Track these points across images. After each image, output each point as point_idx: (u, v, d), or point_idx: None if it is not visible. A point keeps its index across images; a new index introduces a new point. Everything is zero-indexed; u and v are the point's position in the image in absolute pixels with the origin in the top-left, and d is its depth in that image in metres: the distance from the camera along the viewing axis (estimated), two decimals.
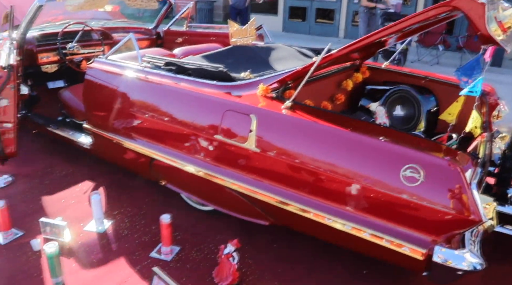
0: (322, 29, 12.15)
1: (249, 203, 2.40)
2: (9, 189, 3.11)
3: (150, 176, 2.97)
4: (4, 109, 2.79)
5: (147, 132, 2.78)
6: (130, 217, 2.79)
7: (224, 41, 4.94)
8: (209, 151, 2.46)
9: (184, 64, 2.72)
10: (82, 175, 3.34)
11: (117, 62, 3.01)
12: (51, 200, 2.98)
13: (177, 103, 2.62)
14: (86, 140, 3.34)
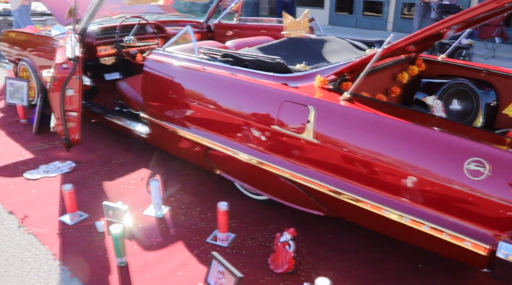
0: (370, 22, 11.89)
1: (305, 193, 2.43)
2: (72, 174, 3.29)
3: (205, 165, 3.05)
4: (70, 98, 2.95)
5: (203, 121, 2.86)
6: (186, 204, 2.89)
7: (274, 34, 4.97)
8: (265, 141, 2.51)
9: (241, 55, 2.77)
10: (139, 163, 3.48)
11: (174, 53, 3.11)
12: (111, 185, 3.13)
13: (233, 93, 2.68)
14: (142, 129, 3.48)
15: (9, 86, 4.83)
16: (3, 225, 2.65)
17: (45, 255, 2.38)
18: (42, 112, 4.12)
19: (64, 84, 2.89)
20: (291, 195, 2.57)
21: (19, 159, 3.53)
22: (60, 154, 3.65)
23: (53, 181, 3.17)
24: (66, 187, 2.60)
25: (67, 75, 2.88)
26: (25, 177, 3.21)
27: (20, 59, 4.71)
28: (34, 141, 3.91)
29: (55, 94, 2.96)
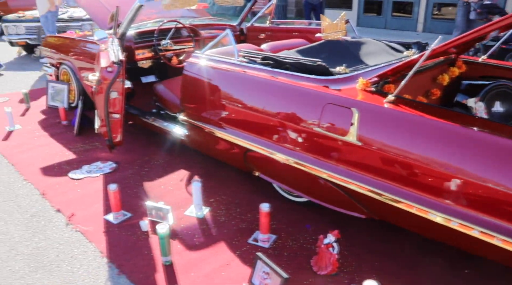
0: (399, 23, 11.74)
1: (346, 195, 2.43)
2: (114, 174, 3.39)
3: (243, 166, 3.08)
4: (114, 101, 3.04)
5: (243, 124, 2.89)
6: (225, 205, 2.92)
7: (306, 36, 4.98)
8: (306, 143, 2.52)
9: (281, 58, 2.79)
10: (177, 164, 3.55)
11: (214, 56, 3.16)
12: (152, 186, 3.20)
13: (274, 96, 2.70)
14: (181, 131, 3.55)
15: (50, 89, 5.01)
16: (52, 222, 2.75)
17: (93, 253, 2.46)
18: (82, 114, 4.24)
19: (109, 87, 2.97)
20: (332, 197, 2.57)
21: (63, 159, 3.66)
22: (100, 154, 3.76)
23: (95, 181, 3.27)
24: (111, 187, 2.68)
25: (111, 78, 2.97)
26: (69, 177, 3.32)
27: (61, 63, 4.87)
28: (75, 142, 4.04)
29: (99, 96, 3.06)
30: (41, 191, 3.11)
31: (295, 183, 2.77)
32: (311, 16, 11.25)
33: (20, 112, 4.94)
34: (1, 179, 3.32)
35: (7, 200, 3.02)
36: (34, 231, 2.66)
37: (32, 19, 7.90)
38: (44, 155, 3.73)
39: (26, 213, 2.85)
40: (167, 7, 3.92)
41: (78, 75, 4.55)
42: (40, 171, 3.43)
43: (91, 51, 4.29)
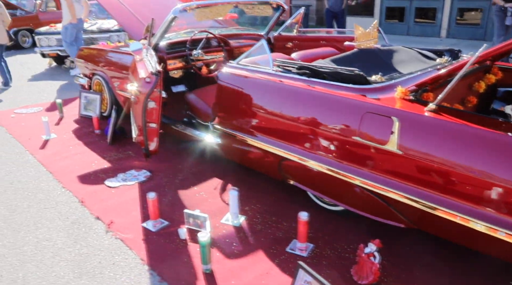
0: (422, 30, 11.64)
1: (385, 204, 2.41)
2: (149, 183, 3.45)
3: (278, 175, 3.10)
4: (151, 110, 3.10)
5: (278, 132, 2.91)
6: (260, 213, 2.94)
7: (334, 44, 4.99)
8: (344, 152, 2.52)
9: (317, 67, 2.81)
10: (210, 172, 3.59)
11: (248, 66, 3.20)
12: (187, 194, 3.24)
13: (311, 105, 2.71)
14: (213, 139, 3.59)
15: (83, 99, 5.14)
16: (92, 229, 2.81)
17: (134, 260, 2.50)
18: (115, 123, 4.34)
19: (147, 97, 3.04)
20: (370, 206, 2.56)
21: (98, 167, 3.74)
22: (134, 163, 3.83)
23: (131, 189, 3.33)
24: (150, 195, 2.73)
25: (150, 88, 3.04)
26: (106, 185, 3.40)
27: (94, 73, 5.00)
28: (109, 151, 4.13)
29: (138, 106, 3.13)
30: (80, 199, 3.19)
31: (332, 191, 2.77)
32: (332, 24, 11.26)
33: (54, 121, 5.08)
34: (41, 187, 3.42)
35: (48, 207, 3.10)
36: (76, 238, 2.72)
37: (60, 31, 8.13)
38: (80, 164, 3.83)
39: (67, 220, 2.93)
40: (200, 18, 4.00)
41: (111, 85, 4.67)
42: (78, 179, 3.51)
43: (124, 62, 4.39)
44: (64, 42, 7.55)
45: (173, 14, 3.77)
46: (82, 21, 7.64)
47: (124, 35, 8.05)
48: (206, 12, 4.07)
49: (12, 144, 4.39)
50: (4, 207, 3.13)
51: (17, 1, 12.28)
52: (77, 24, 7.49)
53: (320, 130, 2.63)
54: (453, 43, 10.31)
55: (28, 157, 4.05)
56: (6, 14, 6.93)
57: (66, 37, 7.49)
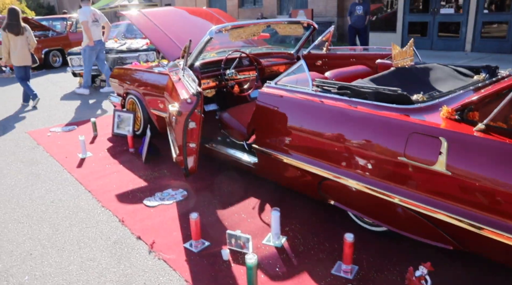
0: (446, 44, 11.55)
1: (433, 226, 2.37)
2: (186, 202, 3.47)
3: (317, 195, 3.08)
4: (191, 131, 3.15)
5: (318, 152, 2.91)
6: (301, 233, 2.92)
7: (364, 62, 4.99)
8: (388, 172, 2.50)
9: (358, 87, 2.81)
10: (246, 191, 3.60)
11: (287, 86, 3.22)
12: (225, 214, 3.25)
13: (353, 125, 2.71)
14: (249, 159, 3.61)
15: (117, 118, 5.25)
16: (135, 249, 2.84)
17: (179, 281, 2.51)
18: (150, 142, 4.40)
19: (188, 117, 3.09)
20: (416, 227, 2.52)
21: (135, 186, 3.79)
22: (170, 182, 3.87)
23: (169, 208, 3.36)
24: (193, 215, 2.74)
25: (190, 109, 3.08)
26: (144, 204, 3.44)
27: (127, 93, 5.11)
28: (144, 169, 4.19)
29: (178, 127, 3.18)
30: (120, 218, 3.23)
31: (374, 212, 2.74)
32: (355, 40, 11.28)
33: (89, 139, 5.19)
34: (81, 206, 3.48)
35: (89, 226, 3.15)
36: (119, 258, 2.75)
37: None
38: (117, 182, 3.89)
39: (109, 240, 2.96)
40: (234, 39, 4.07)
41: (145, 104, 4.76)
42: (116, 198, 3.57)
43: (159, 81, 4.48)
44: (84, 63, 7.89)
45: (209, 36, 3.84)
46: (101, 43, 7.83)
47: (153, 55, 8.23)
48: (240, 32, 4.14)
49: (50, 163, 4.50)
50: (47, 225, 3.19)
51: (48, 23, 12.73)
52: (95, 47, 7.71)
53: (362, 150, 2.62)
54: (478, 57, 10.20)
55: (66, 175, 4.14)
56: (33, 37, 7.24)
57: (85, 59, 7.80)
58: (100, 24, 7.78)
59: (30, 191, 3.81)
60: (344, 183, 2.75)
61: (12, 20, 6.87)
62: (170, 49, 4.67)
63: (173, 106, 3.22)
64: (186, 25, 5.33)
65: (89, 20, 7.53)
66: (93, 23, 7.61)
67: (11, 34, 6.87)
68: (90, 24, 7.55)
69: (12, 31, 6.87)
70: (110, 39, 9.35)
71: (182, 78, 3.71)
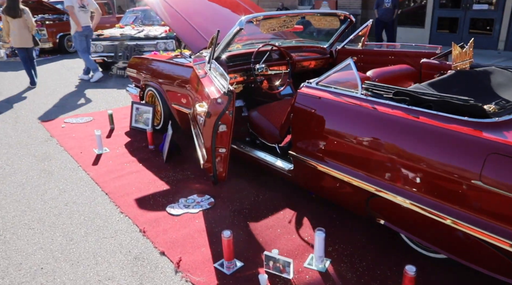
0: (477, 41, 10.87)
1: (507, 258, 2.02)
2: (214, 212, 3.13)
3: (364, 212, 2.73)
4: (221, 134, 2.81)
5: (369, 165, 2.54)
6: (347, 256, 2.57)
7: (403, 60, 4.60)
8: (457, 195, 2.13)
9: (419, 94, 2.43)
10: (280, 201, 3.25)
11: (331, 88, 2.86)
12: (258, 228, 2.91)
13: (413, 138, 2.33)
14: (283, 165, 3.27)
15: (135, 110, 4.93)
16: (159, 268, 2.52)
17: None
18: (171, 140, 4.08)
19: (218, 119, 2.75)
20: (487, 260, 2.15)
21: (157, 189, 3.47)
22: (194, 186, 3.54)
23: (196, 218, 3.03)
24: (226, 234, 2.40)
25: (221, 110, 2.74)
26: (168, 212, 3.11)
27: (146, 84, 4.78)
28: (165, 170, 3.86)
29: (207, 129, 2.83)
30: (141, 228, 2.91)
31: (435, 238, 2.38)
32: (382, 35, 10.79)
33: (105, 133, 4.88)
34: (98, 211, 3.17)
35: (107, 237, 2.84)
36: (141, 278, 2.43)
37: (110, 37, 8.05)
38: (137, 184, 3.57)
39: (129, 254, 2.65)
40: (266, 30, 3.71)
41: (166, 98, 4.42)
42: (136, 203, 3.25)
43: (181, 74, 4.13)
44: (77, 49, 7.78)
45: (238, 26, 3.48)
46: (89, 28, 7.65)
47: (172, 43, 7.87)
48: (273, 23, 3.77)
49: (64, 158, 4.20)
50: (60, 233, 2.89)
51: (63, 6, 12.41)
52: (82, 32, 7.54)
53: (423, 167, 2.25)
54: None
55: (81, 174, 3.84)
56: (31, 20, 7.29)
57: (77, 45, 7.67)
58: (88, 10, 7.59)
59: (42, 191, 3.51)
60: (398, 202, 2.39)
61: (10, 3, 6.99)
62: (194, 39, 4.31)
63: (201, 105, 2.88)
64: (210, 13, 4.95)
65: (75, 5, 7.36)
66: (80, 9, 7.44)
67: (9, 17, 7.03)
68: (77, 10, 7.39)
69: (9, 14, 7.01)
70: (127, 25, 9.01)
71: (209, 73, 3.36)
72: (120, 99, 6.65)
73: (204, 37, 4.36)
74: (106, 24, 12.03)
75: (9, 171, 3.94)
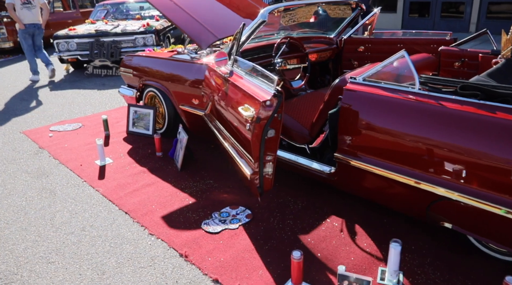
0: (449, 25, 11.16)
1: None
2: (255, 225, 2.83)
3: (423, 216, 2.53)
4: (269, 140, 2.51)
5: (433, 167, 2.34)
6: (418, 266, 2.36)
7: (412, 47, 4.45)
8: None
9: (492, 87, 2.24)
10: (322, 207, 3.00)
11: (381, 83, 2.62)
12: (311, 241, 2.63)
13: (490, 136, 2.13)
14: (320, 167, 3.02)
15: (133, 114, 4.51)
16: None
17: None
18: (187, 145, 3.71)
19: (267, 124, 2.45)
20: None
21: (182, 204, 3.12)
22: (222, 196, 3.23)
23: (238, 235, 2.72)
24: (295, 255, 2.13)
25: (271, 114, 2.44)
26: (205, 230, 2.78)
27: (145, 85, 4.36)
28: (183, 179, 3.51)
29: (256, 136, 2.52)
30: (181, 252, 2.57)
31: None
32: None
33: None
34: (124, 235, 2.80)
35: (144, 266, 2.48)
36: None
37: (83, 34, 7.43)
38: (157, 199, 3.21)
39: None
40: (286, 22, 3.44)
41: (172, 99, 4.03)
42: (164, 222, 2.90)
43: (194, 73, 3.76)
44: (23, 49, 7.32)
45: (262, 19, 3.19)
46: (35, 26, 7.11)
47: (151, 38, 7.37)
48: (293, 15, 3.50)
49: (64, 173, 3.74)
50: (88, 266, 2.50)
51: None
52: (26, 30, 7.02)
53: (499, 165, 2.07)
54: (484, 39, 9.86)
55: (89, 190, 3.42)
56: None
57: (22, 44, 7.22)
58: (34, 6, 7.02)
59: (49, 215, 3.08)
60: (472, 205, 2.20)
61: None
62: (200, 33, 3.95)
63: (247, 109, 2.56)
64: (209, 5, 4.58)
65: (16, 3, 6.83)
66: (24, 6, 6.89)
67: None
68: (19, 7, 6.86)
69: None
70: (99, 21, 8.38)
71: (238, 71, 3.03)
72: (104, 101, 6.14)
73: (210, 31, 4.00)
74: (68, 20, 11.22)
75: (3, 192, 3.45)
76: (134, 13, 8.76)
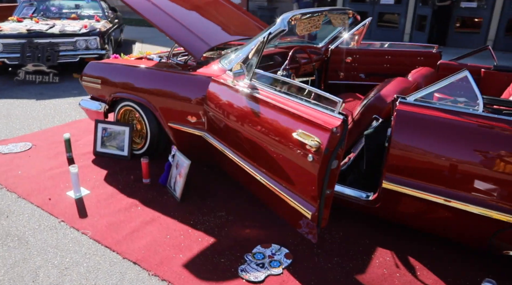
0: (384, 34, 11.65)
1: None
2: (301, 267, 2.42)
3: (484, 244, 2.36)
4: (333, 172, 2.13)
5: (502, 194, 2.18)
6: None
7: (400, 59, 4.42)
8: None
9: None
10: (365, 239, 2.69)
11: (436, 104, 2.39)
12: (372, 281, 2.31)
13: None
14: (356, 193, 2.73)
15: (101, 132, 3.82)
16: None
17: None
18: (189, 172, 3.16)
19: (334, 154, 2.07)
20: None
21: (202, 246, 2.60)
22: (244, 232, 2.77)
23: (286, 282, 2.29)
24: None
25: (337, 143, 2.07)
26: (245, 279, 2.31)
27: (119, 98, 3.70)
28: (189, 213, 2.96)
29: (321, 170, 2.11)
30: None
31: None
32: None
33: (61, 163, 3.67)
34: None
35: None
36: None
37: (12, 34, 6.32)
38: (167, 241, 2.64)
39: None
40: (301, 32, 3.13)
41: (159, 116, 3.44)
42: (190, 273, 2.35)
43: (192, 87, 3.22)
44: None
45: (282, 27, 2.83)
46: None
47: (95, 41, 6.50)
48: (306, 23, 3.19)
49: (29, 212, 2.96)
50: None
51: None
52: None
53: None
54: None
55: (73, 234, 2.72)
56: None
57: None
58: None
59: (29, 274, 2.35)
60: None
61: None
62: (193, 41, 3.45)
63: (306, 137, 2.15)
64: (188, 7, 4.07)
65: None
66: None
67: None
68: None
69: None
70: (26, 18, 7.22)
71: (267, 89, 2.62)
72: (50, 113, 5.21)
73: (201, 38, 3.51)
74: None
75: None
76: (68, 12, 7.73)
